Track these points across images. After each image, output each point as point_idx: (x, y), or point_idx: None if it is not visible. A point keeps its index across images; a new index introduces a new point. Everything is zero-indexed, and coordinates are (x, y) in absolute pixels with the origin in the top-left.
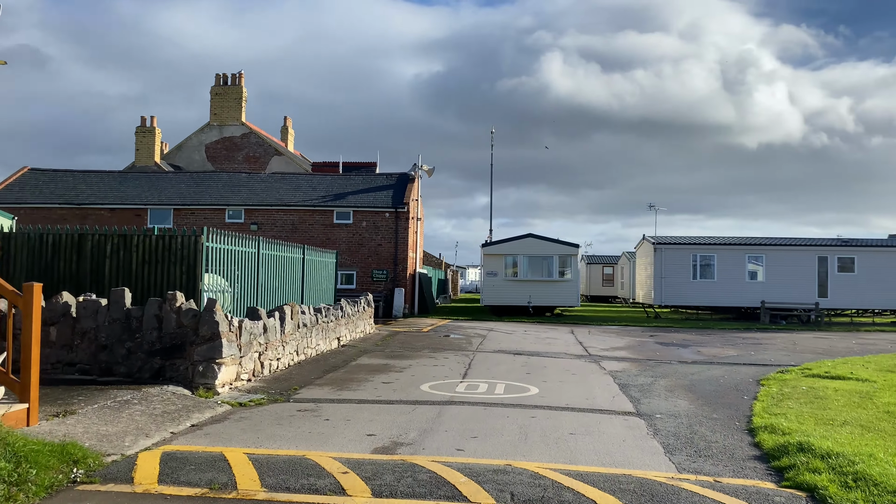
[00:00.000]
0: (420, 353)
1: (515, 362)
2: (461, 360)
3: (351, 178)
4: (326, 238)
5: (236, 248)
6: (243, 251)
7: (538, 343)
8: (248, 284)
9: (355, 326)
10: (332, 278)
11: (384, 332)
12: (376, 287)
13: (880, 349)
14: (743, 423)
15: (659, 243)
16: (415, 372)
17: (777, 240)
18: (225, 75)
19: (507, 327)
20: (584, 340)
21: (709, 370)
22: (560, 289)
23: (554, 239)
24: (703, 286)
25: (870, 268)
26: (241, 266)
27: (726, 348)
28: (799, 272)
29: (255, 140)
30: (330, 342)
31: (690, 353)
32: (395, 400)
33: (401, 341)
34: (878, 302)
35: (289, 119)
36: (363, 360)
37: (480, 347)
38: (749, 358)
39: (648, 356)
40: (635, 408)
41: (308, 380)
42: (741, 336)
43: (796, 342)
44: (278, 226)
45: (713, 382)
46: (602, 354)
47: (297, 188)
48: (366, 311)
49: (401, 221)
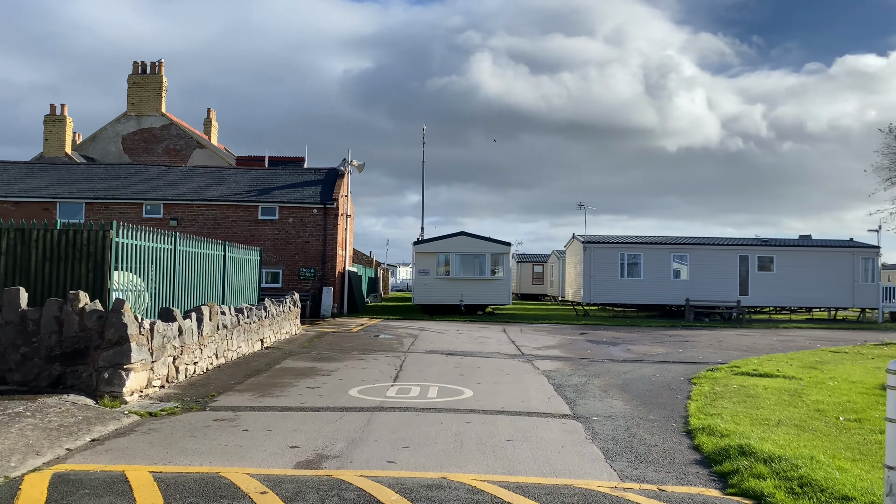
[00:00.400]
0: (349, 354)
1: (448, 363)
2: (392, 361)
3: (277, 173)
4: (251, 235)
5: (150, 245)
6: (158, 248)
7: (471, 343)
8: (163, 284)
9: (280, 327)
10: (255, 277)
11: (311, 332)
12: (304, 286)
13: (800, 346)
14: (680, 424)
15: (588, 242)
16: (343, 375)
17: (701, 239)
18: (144, 63)
19: (440, 326)
20: (516, 339)
21: (640, 369)
22: (492, 287)
23: (486, 237)
24: (631, 284)
25: (788, 267)
26: (157, 264)
27: (655, 346)
28: (722, 271)
29: (175, 132)
30: (253, 344)
31: (621, 351)
32: (321, 407)
33: (329, 342)
34: (795, 299)
35: (212, 111)
36: (288, 363)
37: (412, 348)
38: (678, 356)
39: (581, 355)
40: (571, 410)
41: (228, 385)
42: (668, 334)
43: (721, 339)
44: (199, 222)
45: (646, 381)
46: (535, 353)
47: (221, 182)
48: (292, 311)
49: (329, 218)
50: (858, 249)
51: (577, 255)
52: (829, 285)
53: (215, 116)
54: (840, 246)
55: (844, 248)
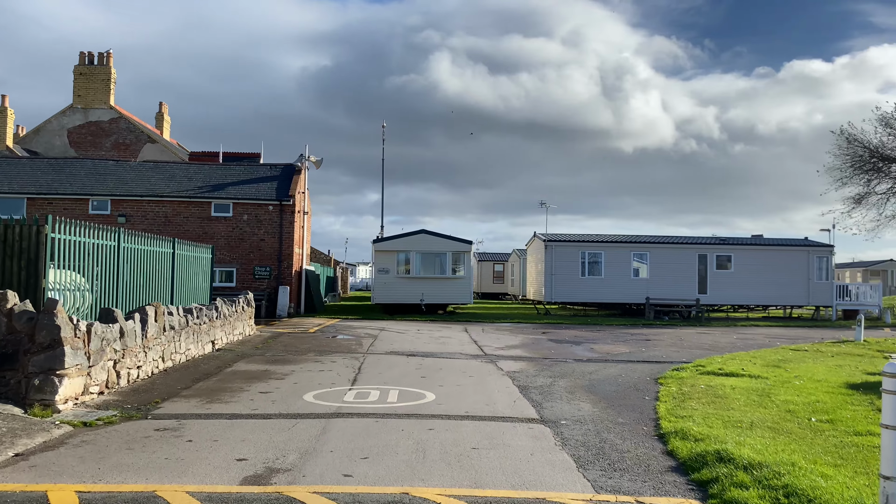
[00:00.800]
0: (305, 356)
1: (409, 365)
2: (350, 363)
3: (232, 169)
4: (203, 232)
5: (92, 241)
6: (101, 244)
7: (432, 343)
8: (107, 283)
9: (233, 328)
10: (207, 276)
11: (266, 333)
12: (259, 285)
13: (760, 344)
14: (651, 427)
15: (550, 241)
16: (298, 379)
17: (661, 238)
18: (91, 54)
19: (400, 326)
20: (478, 339)
21: (605, 369)
22: (453, 286)
23: (447, 235)
24: (592, 283)
25: (745, 265)
26: (100, 262)
27: (618, 345)
28: (681, 269)
29: (125, 126)
30: (203, 346)
31: (584, 350)
32: (273, 413)
33: (284, 344)
34: (752, 298)
35: (164, 105)
36: (240, 366)
37: (371, 349)
38: (642, 355)
39: (544, 355)
40: (539, 413)
41: (174, 391)
42: (630, 332)
43: (682, 338)
44: (149, 218)
45: (612, 382)
46: (498, 354)
47: (172, 178)
48: (245, 312)
49: (286, 215)
50: (813, 248)
51: (539, 253)
52: (786, 284)
53: (167, 111)
54: (796, 245)
55: (800, 247)
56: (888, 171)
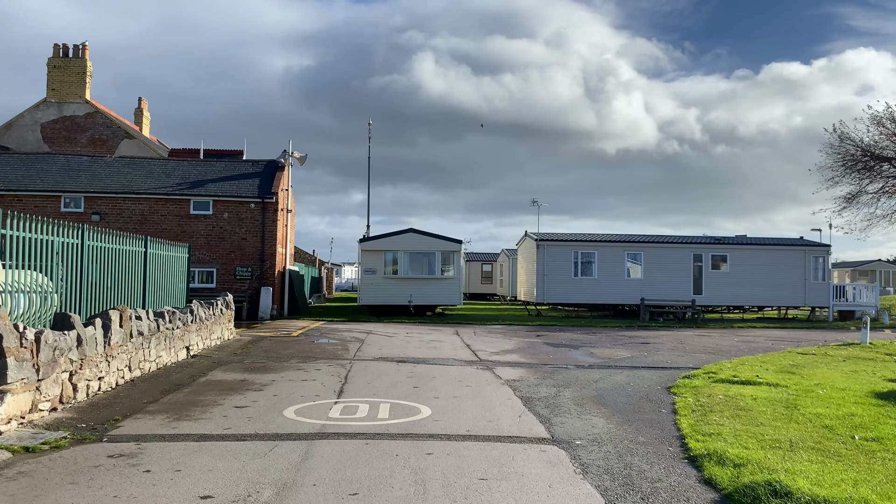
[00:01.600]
0: (287, 363)
1: (400, 373)
2: (336, 371)
3: (212, 165)
4: (182, 231)
5: (50, 238)
6: (61, 242)
7: (423, 347)
8: (69, 285)
9: (210, 333)
10: (183, 276)
11: (247, 337)
12: (240, 286)
13: (765, 347)
14: (677, 448)
15: (542, 240)
16: (278, 390)
17: (655, 237)
18: (65, 46)
19: (388, 329)
20: (471, 343)
21: (611, 376)
22: (442, 287)
23: (436, 234)
24: (585, 283)
25: (741, 265)
26: (62, 261)
27: (618, 349)
28: (675, 269)
29: (101, 121)
30: (176, 353)
31: (584, 355)
32: (248, 434)
33: (265, 349)
34: (748, 298)
35: (144, 101)
36: (216, 375)
37: (359, 355)
38: (645, 360)
39: (542, 360)
40: (549, 431)
41: (138, 405)
42: (627, 335)
43: (682, 341)
44: (125, 216)
45: (621, 392)
46: (493, 359)
47: (149, 174)
48: (224, 315)
49: (268, 213)
50: (810, 248)
51: (530, 253)
52: (782, 284)
53: (147, 106)
54: (792, 244)
55: (796, 246)
56: (880, 170)
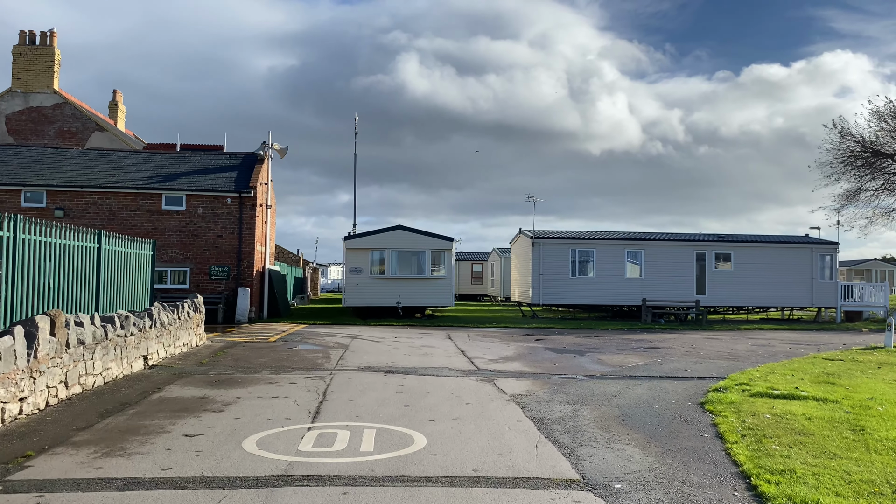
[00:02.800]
0: (258, 375)
1: (388, 387)
2: (314, 386)
3: (186, 158)
4: (153, 227)
5: None
6: None
7: (413, 354)
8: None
9: (175, 339)
10: (147, 276)
11: (218, 343)
12: (216, 287)
13: (785, 352)
14: (744, 491)
15: (538, 238)
16: (242, 411)
17: (656, 235)
18: (32, 33)
19: (375, 333)
20: (466, 349)
21: (630, 389)
22: (433, 287)
23: (426, 232)
24: (582, 283)
25: (746, 264)
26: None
27: (627, 355)
28: (677, 269)
29: (70, 112)
30: (130, 364)
31: (592, 362)
32: (191, 478)
33: (236, 357)
34: (753, 298)
35: (119, 94)
36: (172, 391)
37: (341, 364)
38: (661, 368)
39: (548, 370)
40: (577, 468)
41: (64, 434)
42: (632, 339)
43: (693, 345)
44: (91, 212)
45: (648, 409)
46: (493, 369)
47: (119, 167)
48: (192, 318)
49: (246, 209)
50: (817, 246)
51: (525, 252)
52: (788, 283)
53: (122, 99)
54: (799, 242)
55: (803, 244)
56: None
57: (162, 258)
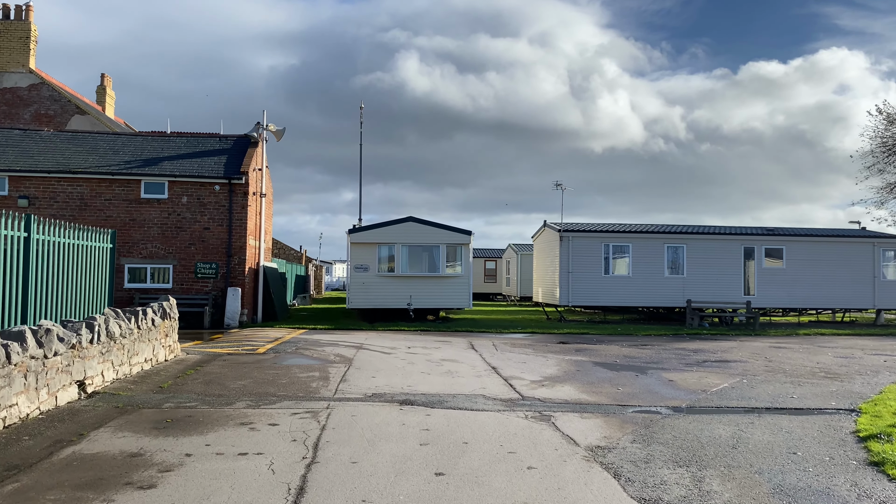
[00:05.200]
0: (229, 410)
1: (407, 433)
2: (302, 431)
3: (170, 141)
4: (131, 219)
5: None
6: None
7: (434, 372)
8: None
9: (131, 355)
10: (103, 274)
11: (194, 357)
12: (202, 286)
13: (875, 364)
14: None
15: (566, 231)
16: (184, 489)
17: (699, 228)
18: (6, 6)
19: (384, 341)
20: (497, 364)
21: (744, 432)
22: (448, 287)
23: (441, 224)
24: (616, 283)
25: (799, 260)
26: None
27: (697, 372)
28: (724, 266)
29: (48, 93)
30: (51, 395)
31: (661, 384)
32: None
33: (209, 378)
34: (807, 299)
35: (108, 78)
36: (96, 442)
37: (343, 389)
38: (755, 394)
39: (613, 396)
40: None
41: None
42: (687, 348)
43: (766, 357)
44: (60, 201)
45: (801, 471)
46: (542, 396)
47: (93, 151)
48: (157, 327)
49: (237, 197)
50: (880, 240)
51: (550, 247)
52: (846, 282)
53: (111, 84)
54: (858, 236)
55: (863, 238)
56: None
57: (141, 253)
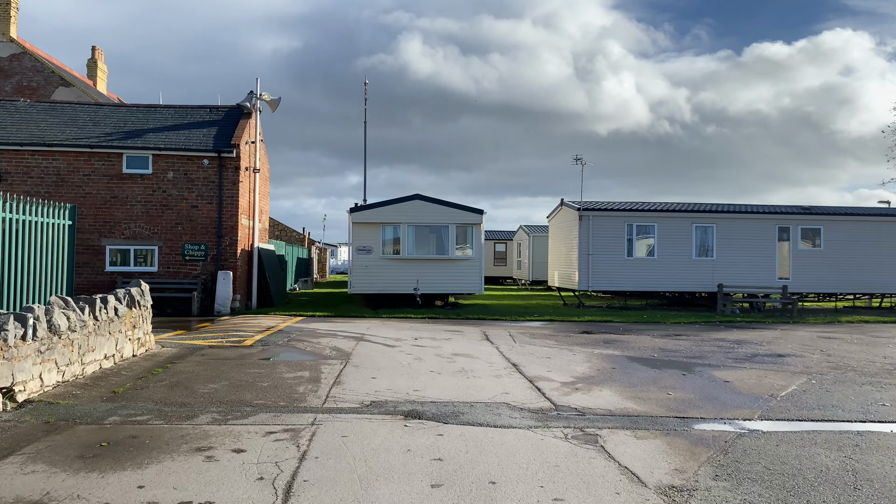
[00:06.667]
0: (187, 427)
1: (414, 467)
2: (274, 461)
3: (156, 112)
4: (112, 196)
5: None
6: None
7: (445, 371)
8: None
9: (85, 351)
10: (60, 255)
11: (169, 350)
12: (191, 270)
13: None
14: None
15: (586, 209)
16: None
17: (729, 206)
18: None
19: (388, 331)
20: (518, 360)
21: (850, 456)
22: (458, 270)
23: (450, 202)
24: (640, 265)
25: (837, 241)
26: None
27: (751, 370)
28: (756, 247)
29: (30, 64)
30: None
31: (717, 387)
32: None
33: (176, 381)
34: (845, 283)
35: (99, 51)
36: None
37: (335, 395)
38: (836, 401)
39: (665, 405)
40: None
41: None
42: (726, 339)
43: (822, 350)
44: (35, 176)
45: None
46: (579, 405)
47: (71, 122)
48: (123, 318)
49: (227, 172)
50: None
51: (568, 228)
52: (888, 265)
53: (103, 58)
54: None
55: None
56: None
57: (123, 234)
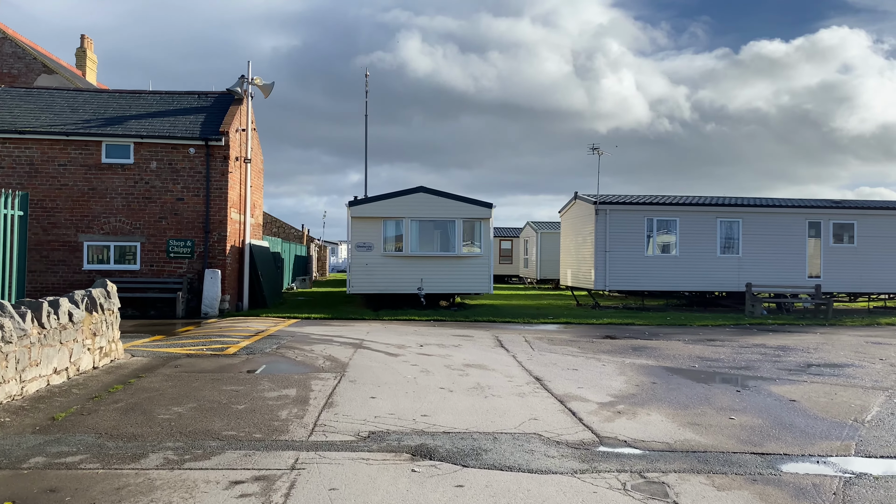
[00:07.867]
0: (127, 473)
1: None
2: None
3: (140, 98)
4: (91, 187)
5: None
6: None
7: (457, 388)
8: None
9: (26, 366)
10: (9, 253)
11: (138, 360)
12: (176, 268)
13: None
14: None
15: (602, 203)
16: None
17: (755, 200)
18: None
19: (389, 336)
20: (542, 374)
21: None
22: (465, 268)
23: (457, 195)
24: (661, 263)
25: (871, 238)
26: None
27: (813, 384)
28: (784, 244)
29: (10, 50)
30: None
31: (787, 409)
32: None
33: (134, 402)
34: (880, 283)
35: (88, 40)
36: None
37: (325, 423)
38: None
39: (738, 437)
40: None
41: None
42: (766, 344)
43: (878, 357)
44: (6, 166)
45: None
46: (631, 439)
47: (48, 108)
48: (79, 324)
49: (215, 162)
50: None
51: (583, 223)
52: None
53: (92, 47)
54: None
55: None
56: None
57: (103, 229)
